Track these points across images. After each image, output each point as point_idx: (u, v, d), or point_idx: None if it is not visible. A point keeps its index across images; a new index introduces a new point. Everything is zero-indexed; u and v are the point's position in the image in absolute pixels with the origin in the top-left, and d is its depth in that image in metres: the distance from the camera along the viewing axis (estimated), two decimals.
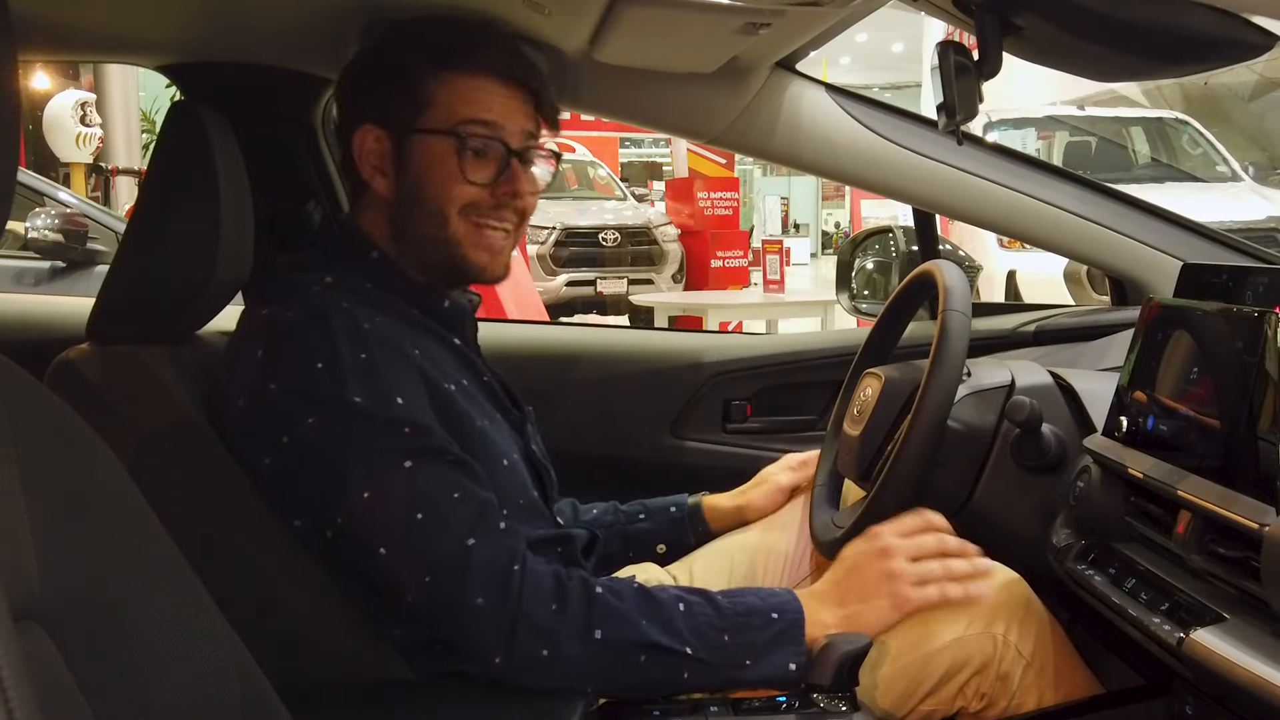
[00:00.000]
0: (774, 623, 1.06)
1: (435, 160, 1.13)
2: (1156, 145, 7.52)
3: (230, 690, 0.74)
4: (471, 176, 1.13)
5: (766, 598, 1.09)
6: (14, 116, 0.56)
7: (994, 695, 1.15)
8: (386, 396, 1.02)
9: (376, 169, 1.15)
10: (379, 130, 1.15)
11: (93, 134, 8.23)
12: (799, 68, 1.56)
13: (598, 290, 8.21)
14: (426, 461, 1.02)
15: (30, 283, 4.32)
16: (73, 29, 1.42)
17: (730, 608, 1.06)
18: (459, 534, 1.00)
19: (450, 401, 1.09)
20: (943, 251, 1.93)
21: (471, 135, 1.12)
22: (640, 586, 1.06)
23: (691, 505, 1.45)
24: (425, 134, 1.13)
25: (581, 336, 2.13)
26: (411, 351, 1.08)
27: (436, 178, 1.13)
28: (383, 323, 1.07)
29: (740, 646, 1.04)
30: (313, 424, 1.01)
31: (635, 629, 1.02)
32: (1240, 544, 0.87)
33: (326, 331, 1.02)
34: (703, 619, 1.04)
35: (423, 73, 1.13)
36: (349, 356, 1.02)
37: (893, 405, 1.32)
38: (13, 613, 0.51)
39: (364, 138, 1.15)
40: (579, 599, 1.02)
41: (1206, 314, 0.99)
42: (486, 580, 0.99)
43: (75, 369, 1.12)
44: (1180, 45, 1.02)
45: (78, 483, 0.68)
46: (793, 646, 1.05)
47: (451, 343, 1.18)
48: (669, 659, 1.02)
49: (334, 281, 1.11)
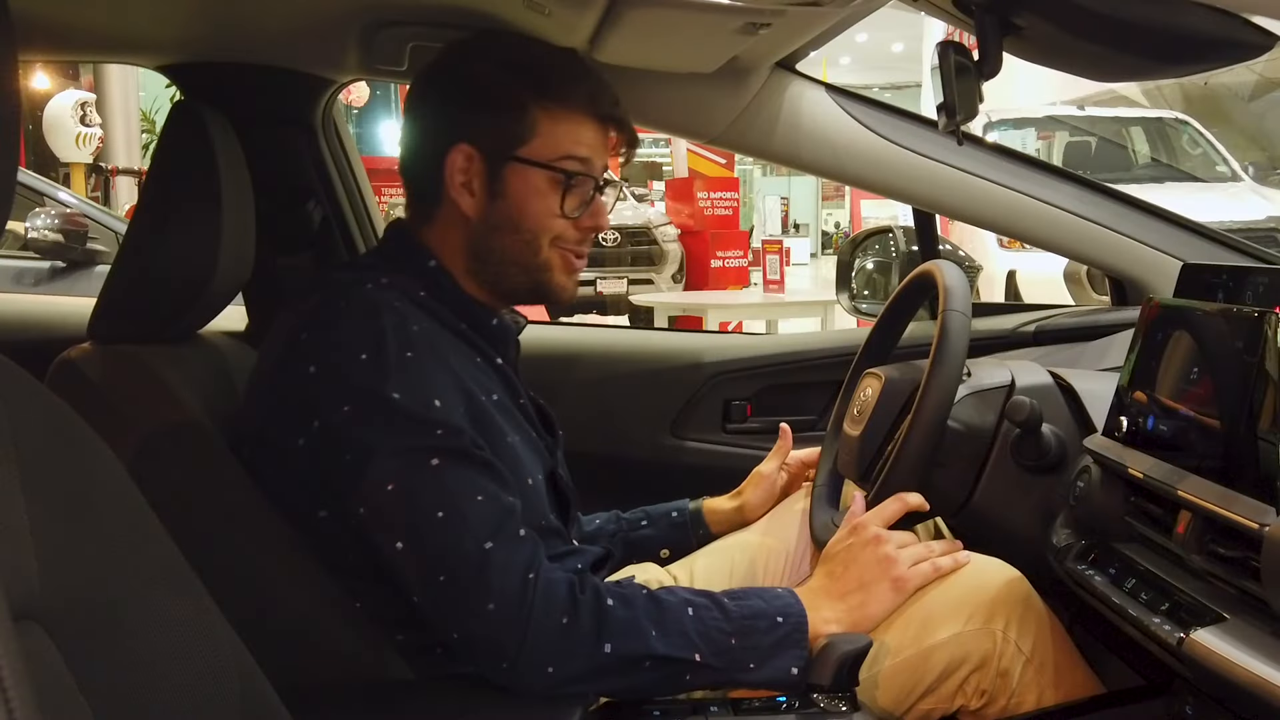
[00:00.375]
0: (779, 626, 1.07)
1: (535, 191, 1.14)
2: (1156, 145, 7.52)
3: (230, 690, 0.74)
4: (569, 212, 1.15)
5: (771, 600, 1.09)
6: (14, 116, 0.56)
7: (994, 692, 1.15)
8: (425, 397, 1.02)
9: (465, 188, 1.15)
10: (472, 149, 1.14)
11: (93, 134, 8.23)
12: (799, 68, 1.56)
13: (598, 290, 8.20)
14: (454, 461, 1.02)
15: (30, 283, 4.32)
16: (73, 29, 1.42)
17: (737, 611, 1.07)
18: (478, 536, 1.00)
19: (485, 413, 1.10)
20: (943, 251, 1.93)
21: (573, 174, 1.14)
22: (650, 594, 1.07)
23: (693, 510, 1.47)
24: (527, 164, 1.14)
25: (581, 336, 2.13)
26: (454, 360, 1.09)
27: (535, 209, 1.15)
28: (430, 328, 1.08)
29: (746, 650, 1.05)
30: (348, 411, 1.01)
31: (644, 641, 1.02)
32: (1240, 544, 0.87)
33: (376, 325, 1.03)
34: (710, 623, 1.05)
35: (530, 103, 1.13)
36: (394, 352, 1.02)
37: (893, 405, 1.32)
38: (13, 613, 0.51)
39: (457, 156, 1.14)
40: (590, 612, 1.02)
41: (1206, 314, 0.99)
42: (500, 586, 1.00)
43: (76, 369, 1.12)
44: (1180, 45, 1.02)
45: (78, 483, 0.68)
46: (796, 649, 1.06)
47: (494, 361, 1.19)
48: (675, 666, 1.03)
49: (389, 283, 1.11)
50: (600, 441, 1.81)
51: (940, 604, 1.16)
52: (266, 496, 1.06)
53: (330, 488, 1.03)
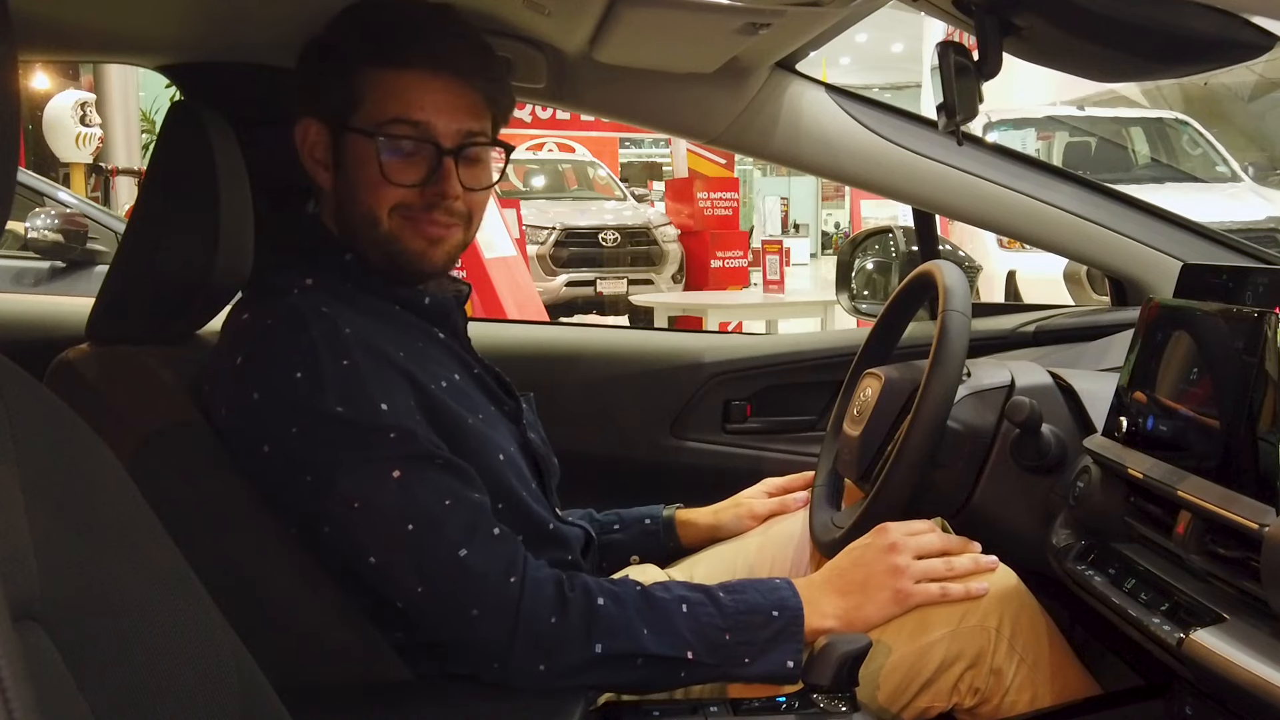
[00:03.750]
0: (774, 620, 1.06)
1: (363, 160, 1.09)
2: (1156, 145, 7.52)
3: (230, 690, 0.74)
4: (396, 179, 1.08)
5: (768, 594, 1.09)
6: (14, 116, 0.56)
7: (987, 691, 1.15)
8: (370, 403, 1.00)
9: (319, 163, 1.13)
10: (314, 121, 1.12)
11: (92, 134, 8.23)
12: (799, 68, 1.56)
13: (598, 290, 8.21)
14: (415, 469, 1.00)
15: (30, 283, 4.32)
16: (73, 29, 1.41)
17: (732, 606, 1.06)
18: (451, 543, 0.99)
19: (439, 402, 1.08)
20: (943, 252, 1.93)
21: (397, 137, 1.08)
22: (642, 590, 1.06)
23: (665, 518, 1.44)
24: (355, 132, 1.09)
25: (581, 336, 2.13)
26: (396, 353, 1.07)
27: (365, 178, 1.09)
28: (364, 325, 1.06)
29: (741, 645, 1.04)
30: (296, 434, 1.00)
31: (636, 640, 1.02)
32: (1240, 544, 0.87)
33: (306, 339, 1.01)
34: (705, 619, 1.05)
35: (356, 67, 1.09)
36: (330, 365, 1.00)
37: (893, 405, 1.32)
38: (12, 613, 0.51)
39: (305, 130, 1.13)
40: (580, 611, 1.01)
41: (1206, 314, 0.99)
42: (481, 589, 0.99)
43: (75, 369, 1.12)
44: (1180, 46, 1.02)
45: (77, 483, 0.67)
46: (792, 644, 1.05)
47: (437, 337, 1.16)
48: (668, 664, 1.03)
49: (313, 284, 1.09)
50: (600, 441, 1.81)
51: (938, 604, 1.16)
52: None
53: (296, 509, 1.02)
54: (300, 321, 1.02)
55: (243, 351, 1.05)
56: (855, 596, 1.12)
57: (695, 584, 1.10)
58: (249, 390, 1.02)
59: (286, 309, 1.04)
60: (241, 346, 1.05)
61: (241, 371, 1.04)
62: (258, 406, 1.02)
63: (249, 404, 1.02)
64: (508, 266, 5.70)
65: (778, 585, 1.11)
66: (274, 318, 1.04)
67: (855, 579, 1.13)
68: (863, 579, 1.13)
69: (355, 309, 1.08)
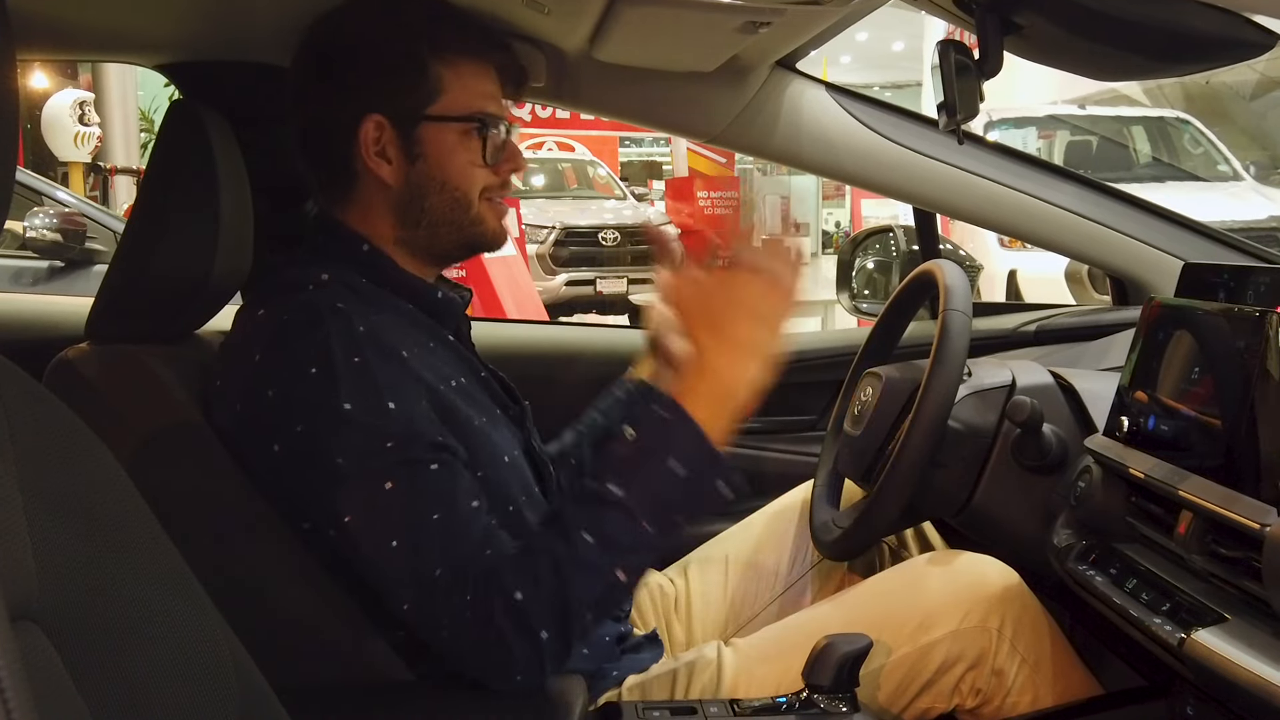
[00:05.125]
0: (688, 481, 0.96)
1: (454, 147, 1.13)
2: (1158, 144, 7.51)
3: (230, 690, 0.73)
4: (490, 160, 1.15)
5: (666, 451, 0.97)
6: (13, 116, 0.56)
7: (989, 692, 1.15)
8: (379, 401, 1.00)
9: (380, 156, 1.13)
10: (382, 118, 1.12)
11: (91, 133, 8.23)
12: (799, 66, 1.56)
13: (597, 290, 8.21)
14: (417, 470, 0.99)
15: (28, 282, 4.32)
16: (72, 28, 1.41)
17: (639, 501, 0.96)
18: (451, 544, 0.98)
19: (448, 404, 1.08)
20: (943, 251, 1.93)
21: (494, 120, 1.14)
22: (550, 553, 0.96)
23: (628, 383, 1.41)
24: (441, 120, 1.12)
25: (581, 336, 2.13)
26: (408, 351, 1.07)
27: (459, 164, 1.13)
28: (378, 321, 1.05)
29: (668, 524, 0.97)
30: (301, 431, 1.00)
31: (567, 606, 0.94)
32: (1241, 544, 0.87)
33: (320, 334, 1.01)
34: (625, 540, 0.96)
35: (429, 60, 1.12)
36: (342, 361, 1.00)
37: (893, 405, 1.32)
38: (11, 613, 0.51)
39: (367, 127, 1.12)
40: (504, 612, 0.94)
41: (1208, 314, 0.99)
42: (449, 606, 0.95)
43: (74, 369, 1.11)
44: (1181, 44, 1.02)
45: (77, 483, 0.67)
46: (714, 477, 0.97)
47: (445, 339, 1.17)
48: (613, 593, 0.97)
49: (329, 279, 1.09)
50: None
51: (938, 602, 1.17)
52: None
53: (301, 508, 1.02)
54: (315, 316, 1.02)
55: (259, 349, 1.05)
56: (724, 358, 0.99)
57: (594, 486, 0.98)
58: (265, 387, 1.02)
59: (302, 305, 1.05)
60: (258, 343, 1.05)
61: (259, 368, 1.04)
62: (273, 403, 1.02)
63: (265, 400, 1.02)
64: (507, 266, 5.70)
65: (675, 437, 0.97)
66: (289, 313, 1.04)
67: (710, 354, 1.00)
68: (715, 344, 1.00)
69: (370, 305, 1.08)
